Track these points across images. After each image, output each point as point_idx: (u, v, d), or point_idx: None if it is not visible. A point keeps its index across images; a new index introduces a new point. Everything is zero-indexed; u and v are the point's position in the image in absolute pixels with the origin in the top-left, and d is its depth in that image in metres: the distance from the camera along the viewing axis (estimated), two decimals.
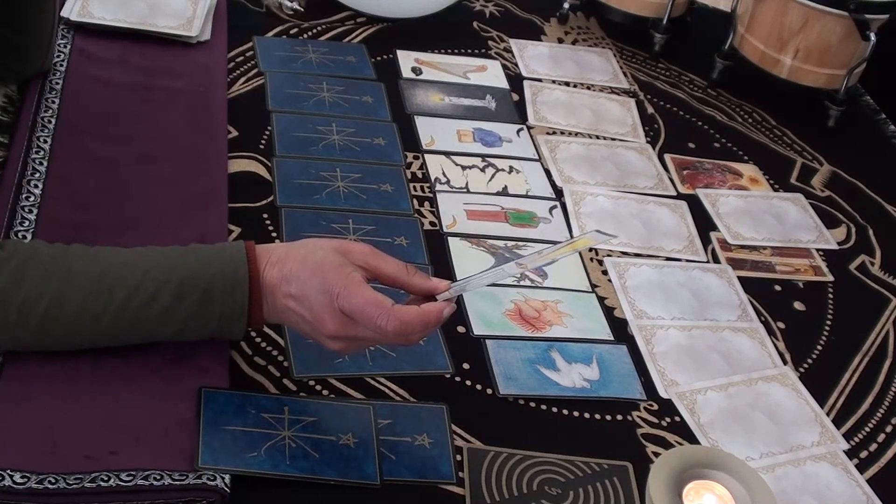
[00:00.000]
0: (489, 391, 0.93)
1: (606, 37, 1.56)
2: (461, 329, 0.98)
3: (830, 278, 1.18)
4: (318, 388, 0.89)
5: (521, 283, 1.05)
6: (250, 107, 1.20)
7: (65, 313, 0.78)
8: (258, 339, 0.91)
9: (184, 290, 0.79)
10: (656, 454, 0.90)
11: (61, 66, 1.16)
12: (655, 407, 0.96)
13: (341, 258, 0.80)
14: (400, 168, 1.17)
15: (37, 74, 1.12)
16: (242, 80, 1.25)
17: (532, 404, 0.93)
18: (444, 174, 1.18)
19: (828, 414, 1.00)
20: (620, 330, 1.04)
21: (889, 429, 1.00)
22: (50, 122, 1.07)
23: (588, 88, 1.43)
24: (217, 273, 0.80)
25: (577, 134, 1.32)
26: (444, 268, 1.05)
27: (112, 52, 1.21)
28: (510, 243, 1.10)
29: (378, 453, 0.83)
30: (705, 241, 1.19)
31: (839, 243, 1.24)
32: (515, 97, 1.36)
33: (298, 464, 0.80)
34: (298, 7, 1.41)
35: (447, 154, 1.22)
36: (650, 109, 1.41)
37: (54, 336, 0.79)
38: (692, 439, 0.94)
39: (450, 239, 1.09)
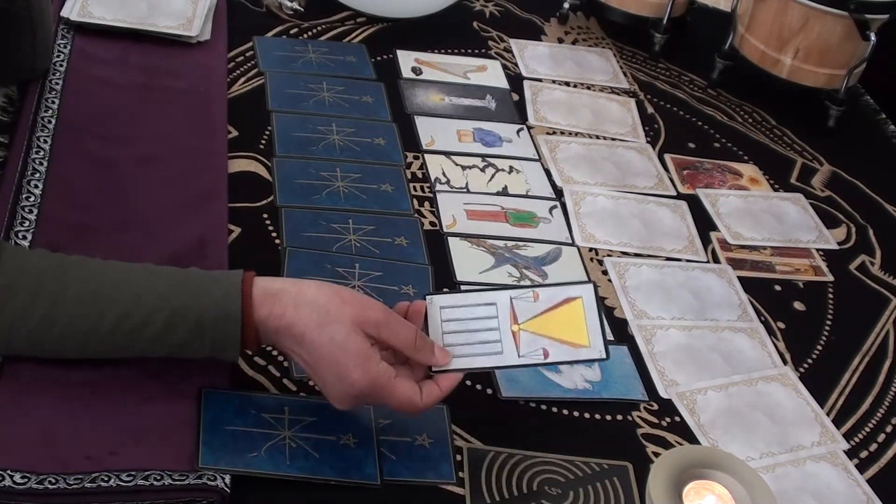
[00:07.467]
0: (489, 391, 0.93)
1: (606, 37, 1.56)
2: None
3: (830, 278, 1.18)
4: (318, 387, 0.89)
5: (522, 283, 1.05)
6: (250, 107, 1.20)
7: (54, 330, 0.77)
8: None
9: (175, 319, 0.77)
10: (656, 454, 0.90)
11: (61, 66, 1.16)
12: (655, 407, 0.96)
13: (362, 340, 0.77)
14: (400, 168, 1.17)
15: (36, 76, 1.12)
16: (242, 80, 1.25)
17: (532, 404, 0.93)
18: (444, 174, 1.18)
19: (828, 414, 0.99)
20: (620, 330, 1.03)
21: (889, 429, 1.00)
22: (50, 122, 1.07)
23: (588, 88, 1.42)
24: (209, 306, 0.78)
25: (577, 134, 1.32)
26: (444, 268, 1.05)
27: (112, 52, 1.21)
28: (510, 243, 1.10)
29: (378, 453, 0.83)
30: (705, 241, 1.19)
31: (839, 243, 1.24)
32: (515, 97, 1.36)
33: (299, 464, 0.80)
34: (298, 7, 1.41)
35: (447, 154, 1.22)
36: (650, 109, 1.41)
37: (45, 349, 0.79)
38: (692, 439, 0.93)
39: (450, 239, 1.09)
